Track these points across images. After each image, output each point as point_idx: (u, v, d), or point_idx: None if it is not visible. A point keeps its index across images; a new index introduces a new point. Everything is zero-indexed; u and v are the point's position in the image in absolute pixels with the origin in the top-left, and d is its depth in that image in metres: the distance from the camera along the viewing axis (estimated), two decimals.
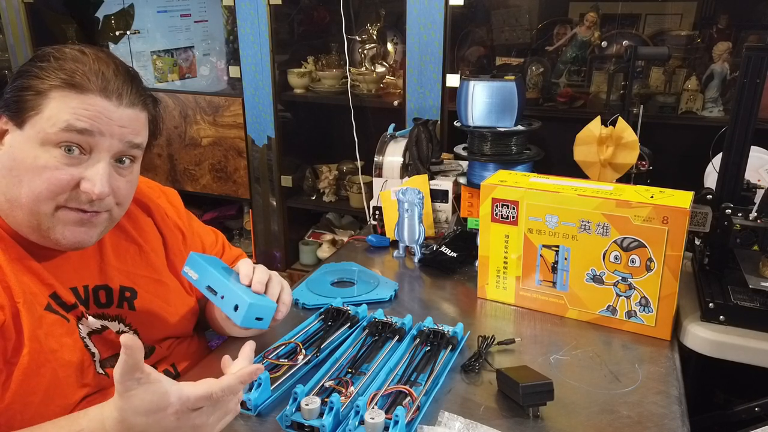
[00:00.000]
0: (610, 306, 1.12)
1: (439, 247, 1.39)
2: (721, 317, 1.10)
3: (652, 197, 1.06)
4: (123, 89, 0.83)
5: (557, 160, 1.55)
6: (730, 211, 1.15)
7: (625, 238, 1.07)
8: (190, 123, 2.39)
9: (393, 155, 1.73)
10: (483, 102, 1.46)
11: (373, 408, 0.82)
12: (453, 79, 1.94)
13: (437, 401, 0.91)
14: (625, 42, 2.01)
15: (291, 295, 1.02)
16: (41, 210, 0.80)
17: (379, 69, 2.37)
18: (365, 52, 2.39)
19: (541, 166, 1.52)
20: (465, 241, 1.42)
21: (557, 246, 1.14)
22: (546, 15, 2.16)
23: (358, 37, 2.39)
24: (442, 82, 1.97)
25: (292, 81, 2.32)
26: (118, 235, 0.97)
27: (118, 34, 2.64)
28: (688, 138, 2.00)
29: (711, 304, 1.10)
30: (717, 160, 1.23)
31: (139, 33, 2.59)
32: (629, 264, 1.08)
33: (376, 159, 1.75)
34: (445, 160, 1.75)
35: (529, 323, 1.17)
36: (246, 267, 0.96)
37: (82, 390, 0.84)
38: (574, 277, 1.14)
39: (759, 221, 1.12)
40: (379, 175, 1.74)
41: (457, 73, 1.97)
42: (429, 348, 1.02)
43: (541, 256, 1.17)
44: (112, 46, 2.64)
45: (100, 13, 2.68)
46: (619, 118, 1.39)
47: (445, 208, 1.62)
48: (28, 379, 0.77)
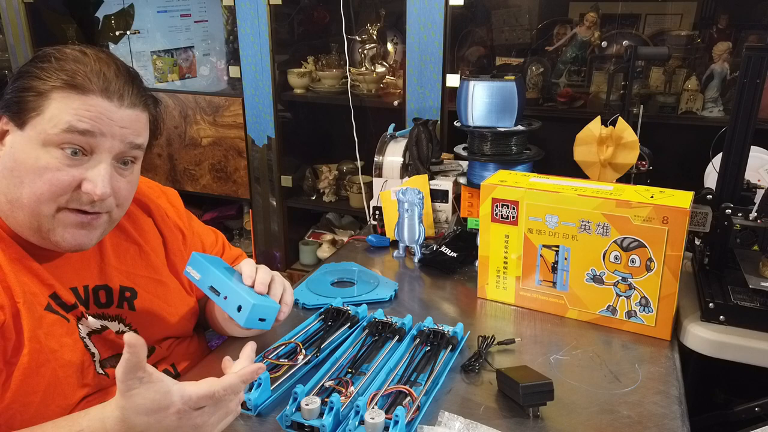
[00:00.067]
0: (610, 306, 1.13)
1: (439, 247, 1.39)
2: (721, 317, 1.10)
3: (652, 197, 1.06)
4: (124, 90, 0.83)
5: (557, 160, 1.55)
6: (730, 211, 1.15)
7: (625, 238, 1.07)
8: (190, 123, 2.39)
9: (393, 155, 1.73)
10: (483, 102, 1.46)
11: (373, 408, 0.82)
12: (453, 79, 1.94)
13: (437, 401, 0.91)
14: (625, 42, 2.01)
15: (293, 295, 1.02)
16: (42, 211, 0.80)
17: (379, 69, 2.36)
18: (365, 52, 2.39)
19: (541, 166, 1.52)
20: (465, 241, 1.42)
21: (557, 246, 1.14)
22: (546, 15, 2.16)
23: (358, 37, 2.39)
24: (442, 82, 1.97)
25: (292, 81, 2.32)
26: (118, 235, 0.97)
27: (118, 34, 2.64)
28: (688, 138, 2.00)
29: (711, 304, 1.10)
30: (717, 160, 1.23)
31: (139, 33, 2.59)
32: (629, 264, 1.08)
33: (376, 159, 1.75)
34: (445, 160, 1.75)
35: (529, 323, 1.17)
36: (248, 267, 0.96)
37: (82, 390, 0.84)
38: (574, 277, 1.14)
39: (759, 221, 1.12)
40: (379, 175, 1.74)
41: (457, 73, 1.97)
42: (429, 348, 1.02)
43: (541, 256, 1.17)
44: (112, 46, 2.64)
45: (100, 13, 2.68)
46: (619, 118, 1.39)
47: (445, 208, 1.62)
48: (27, 379, 0.77)
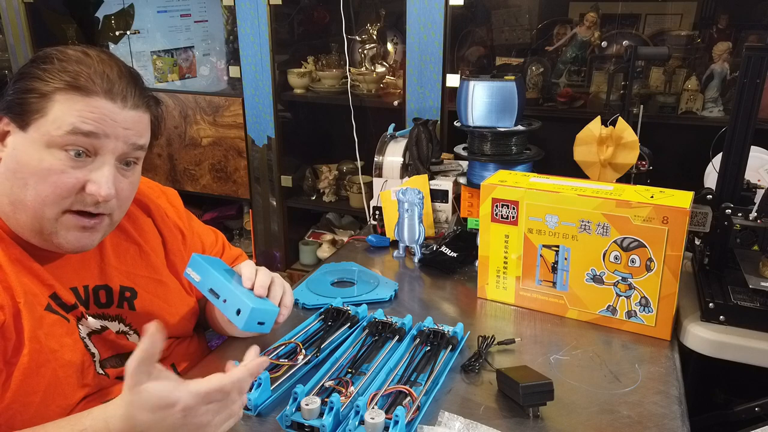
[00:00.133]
0: (610, 306, 1.12)
1: (439, 247, 1.39)
2: (721, 317, 1.10)
3: (652, 197, 1.06)
4: (127, 91, 0.83)
5: (557, 160, 1.55)
6: (730, 211, 1.15)
7: (625, 238, 1.07)
8: (190, 123, 2.39)
9: (393, 155, 1.73)
10: (483, 102, 1.46)
11: (373, 408, 0.82)
12: (453, 79, 1.94)
13: (437, 401, 0.91)
14: (625, 42, 2.01)
15: (293, 297, 1.02)
16: (46, 214, 0.80)
17: (379, 69, 2.36)
18: (365, 52, 2.39)
19: (541, 166, 1.52)
20: (465, 241, 1.42)
21: (557, 246, 1.14)
22: (546, 15, 2.16)
23: (358, 37, 2.39)
24: (442, 82, 1.97)
25: (292, 81, 2.32)
26: (118, 235, 0.97)
27: (118, 34, 2.64)
28: (688, 138, 2.00)
29: (711, 304, 1.10)
30: (717, 160, 1.23)
31: (139, 33, 2.59)
32: (629, 264, 1.08)
33: (376, 159, 1.75)
34: (445, 160, 1.75)
35: (529, 323, 1.17)
36: (248, 270, 0.95)
37: (82, 390, 0.84)
38: (574, 277, 1.14)
39: (759, 221, 1.12)
40: (379, 175, 1.74)
41: (457, 73, 1.97)
42: (429, 348, 1.02)
43: (541, 256, 1.17)
44: (112, 46, 2.64)
45: (100, 13, 2.68)
46: (619, 118, 1.39)
47: (445, 208, 1.62)
48: (27, 379, 0.77)
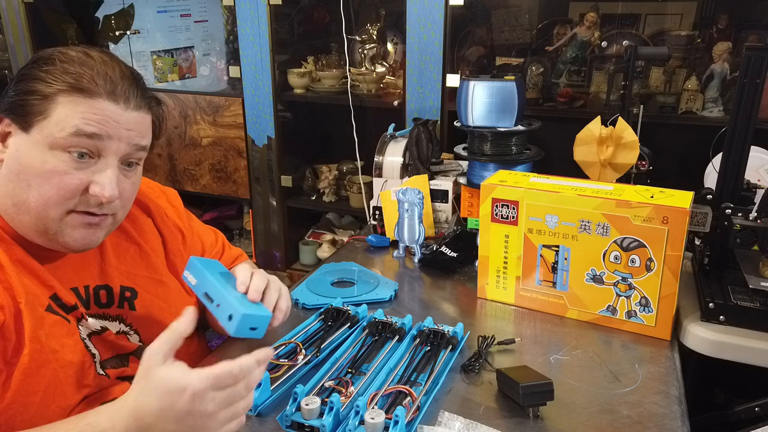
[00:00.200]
0: (610, 306, 1.12)
1: (439, 247, 1.39)
2: (721, 317, 1.10)
3: (652, 197, 1.06)
4: (130, 92, 0.83)
5: (557, 160, 1.55)
6: (730, 211, 1.15)
7: (625, 238, 1.07)
8: (190, 123, 2.39)
9: (393, 155, 1.73)
10: (483, 102, 1.46)
11: (373, 408, 0.82)
12: (453, 79, 1.94)
13: (437, 401, 0.91)
14: (625, 42, 2.01)
15: (289, 300, 0.99)
16: (49, 215, 0.80)
17: (379, 69, 2.37)
18: (365, 52, 2.39)
19: (541, 166, 1.52)
20: (465, 241, 1.42)
21: (557, 246, 1.14)
22: (546, 15, 2.16)
23: (358, 37, 2.39)
24: (442, 82, 1.97)
25: (292, 81, 2.32)
26: (118, 235, 0.97)
27: (118, 34, 2.64)
28: (688, 138, 2.00)
29: (711, 304, 1.10)
30: (717, 160, 1.23)
31: (139, 33, 2.60)
32: (629, 264, 1.08)
33: (376, 159, 1.75)
34: (445, 160, 1.75)
35: (529, 323, 1.17)
36: (243, 273, 0.93)
37: (83, 391, 0.84)
38: (574, 277, 1.14)
39: (759, 221, 1.12)
40: (379, 175, 1.74)
41: (457, 73, 1.97)
42: (429, 348, 1.02)
43: (541, 256, 1.17)
44: (112, 46, 2.64)
45: (100, 13, 2.68)
46: (619, 118, 1.39)
47: (445, 208, 1.62)
48: (28, 379, 0.77)
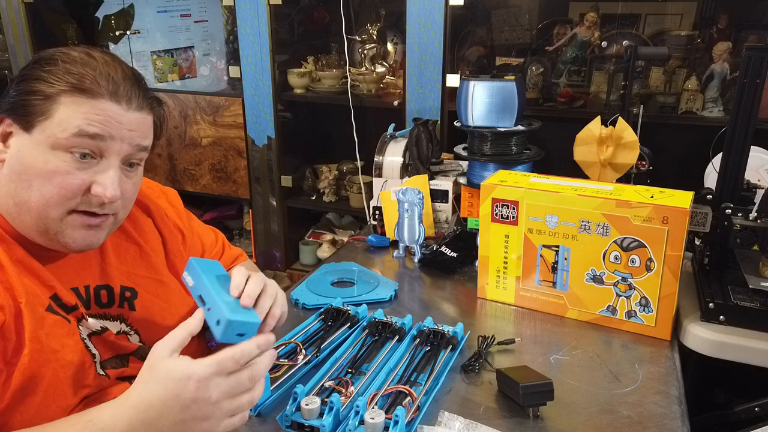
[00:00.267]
0: (610, 306, 1.12)
1: (439, 247, 1.39)
2: (721, 317, 1.10)
3: (652, 197, 1.06)
4: (132, 93, 0.83)
5: (557, 160, 1.55)
6: (730, 211, 1.15)
7: (625, 238, 1.07)
8: (190, 123, 2.39)
9: (393, 155, 1.73)
10: (483, 102, 1.46)
11: (373, 408, 0.82)
12: (453, 79, 1.94)
13: (437, 401, 0.91)
14: (625, 42, 2.01)
15: (285, 306, 0.94)
16: (50, 215, 0.80)
17: (379, 69, 2.37)
18: (365, 52, 2.39)
19: (541, 166, 1.52)
20: (465, 241, 1.42)
21: (557, 246, 1.14)
22: (546, 15, 2.16)
23: (358, 37, 2.39)
24: (442, 82, 1.97)
25: (292, 81, 2.32)
26: (118, 235, 0.97)
27: (118, 34, 2.64)
28: (688, 138, 2.00)
29: (711, 304, 1.10)
30: (717, 160, 1.23)
31: (139, 33, 2.60)
32: (629, 264, 1.08)
33: (376, 159, 1.75)
34: (445, 160, 1.75)
35: (529, 323, 1.17)
36: (238, 277, 0.88)
37: (83, 391, 0.84)
38: (574, 277, 1.14)
39: (759, 221, 1.12)
40: (379, 175, 1.74)
41: (457, 73, 1.97)
42: (429, 348, 1.02)
43: (541, 256, 1.17)
44: (112, 46, 2.64)
45: (100, 13, 2.68)
46: (619, 118, 1.39)
47: (445, 208, 1.62)
48: (28, 379, 0.77)
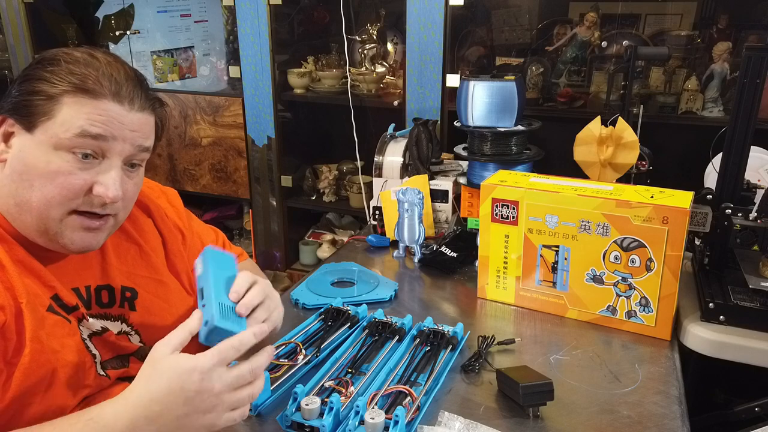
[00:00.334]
0: (610, 306, 1.13)
1: (439, 247, 1.39)
2: (721, 317, 1.10)
3: (652, 197, 1.06)
4: (134, 93, 0.83)
5: (557, 160, 1.55)
6: (730, 211, 1.15)
7: (625, 238, 1.07)
8: (190, 123, 2.39)
9: (393, 155, 1.73)
10: (483, 102, 1.46)
11: (373, 408, 0.82)
12: (453, 79, 1.94)
13: (437, 401, 0.91)
14: (625, 42, 2.01)
15: (278, 321, 0.89)
16: (51, 215, 0.80)
17: (379, 69, 2.36)
18: (365, 52, 2.39)
19: (541, 166, 1.52)
20: (465, 241, 1.42)
21: (557, 246, 1.14)
22: (546, 15, 2.16)
23: (358, 37, 2.39)
24: (442, 82, 1.97)
25: (292, 81, 2.32)
26: (118, 235, 0.97)
27: (118, 34, 2.64)
28: (688, 138, 2.00)
29: (711, 304, 1.10)
30: (717, 160, 1.23)
31: (139, 33, 2.59)
32: (629, 264, 1.08)
33: (376, 159, 1.75)
34: (445, 160, 1.75)
35: (529, 323, 1.17)
36: (241, 283, 0.85)
37: (83, 391, 0.84)
38: (574, 277, 1.14)
39: (759, 221, 1.12)
40: (379, 175, 1.74)
41: (457, 73, 1.97)
42: (429, 348, 1.02)
43: (541, 256, 1.17)
44: (112, 46, 2.64)
45: (100, 13, 2.68)
46: (619, 118, 1.39)
47: (445, 208, 1.62)
48: (28, 379, 0.77)
